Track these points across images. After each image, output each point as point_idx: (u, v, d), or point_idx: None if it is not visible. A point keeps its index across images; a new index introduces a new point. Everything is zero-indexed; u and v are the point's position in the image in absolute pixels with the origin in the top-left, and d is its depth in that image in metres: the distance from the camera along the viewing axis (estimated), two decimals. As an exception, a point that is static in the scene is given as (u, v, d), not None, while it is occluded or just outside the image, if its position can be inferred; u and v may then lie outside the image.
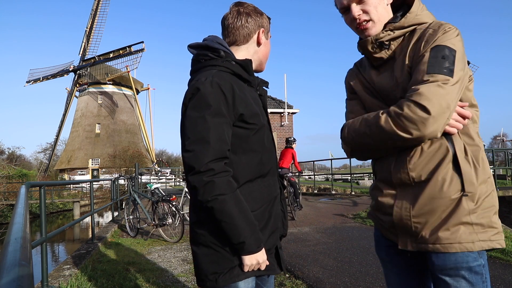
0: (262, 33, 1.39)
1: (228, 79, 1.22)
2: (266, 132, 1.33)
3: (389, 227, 1.24)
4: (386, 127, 1.09)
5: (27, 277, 0.64)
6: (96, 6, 38.51)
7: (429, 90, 1.03)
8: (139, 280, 3.69)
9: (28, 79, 39.21)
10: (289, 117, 17.16)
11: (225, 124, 1.18)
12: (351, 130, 1.23)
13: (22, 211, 1.35)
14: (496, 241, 1.11)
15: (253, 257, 1.18)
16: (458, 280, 1.10)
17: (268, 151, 1.33)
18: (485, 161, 1.15)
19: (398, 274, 1.31)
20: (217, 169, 1.13)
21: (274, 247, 1.32)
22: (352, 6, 1.22)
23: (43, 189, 3.29)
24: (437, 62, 1.06)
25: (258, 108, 1.30)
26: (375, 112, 1.16)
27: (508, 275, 3.45)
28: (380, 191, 1.26)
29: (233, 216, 1.14)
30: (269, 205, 1.30)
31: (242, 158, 1.24)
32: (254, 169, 1.27)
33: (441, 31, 1.11)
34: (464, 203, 1.09)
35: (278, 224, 1.34)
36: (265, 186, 1.30)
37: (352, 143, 1.24)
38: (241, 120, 1.22)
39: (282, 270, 1.33)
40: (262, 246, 1.20)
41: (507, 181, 16.64)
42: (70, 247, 13.23)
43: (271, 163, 1.34)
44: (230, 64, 1.27)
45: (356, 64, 1.44)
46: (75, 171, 38.22)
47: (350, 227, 6.42)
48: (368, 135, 1.16)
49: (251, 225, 1.17)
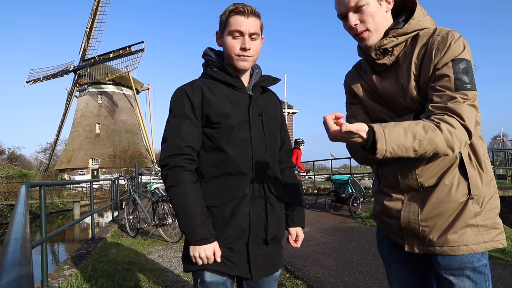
0: (216, 35, 1.41)
1: (201, 85, 1.35)
2: (241, 131, 1.33)
3: (396, 231, 1.25)
4: (440, 144, 1.03)
5: (27, 277, 0.64)
6: (96, 6, 38.48)
7: (468, 111, 1.06)
8: (139, 280, 3.69)
9: (28, 79, 39.20)
10: (289, 117, 17.17)
11: (185, 124, 1.30)
12: (394, 143, 1.02)
13: (22, 211, 1.35)
14: (499, 241, 1.14)
15: (195, 248, 1.25)
16: (462, 280, 1.13)
17: (242, 150, 1.32)
18: (487, 163, 1.16)
19: (401, 273, 1.32)
20: (171, 164, 1.28)
21: (241, 249, 1.32)
22: (349, 15, 1.20)
23: (43, 189, 3.29)
24: (463, 78, 1.07)
25: (234, 108, 1.33)
26: (420, 124, 1.04)
27: (508, 275, 3.45)
28: (387, 195, 1.26)
29: (177, 207, 1.27)
30: (232, 203, 1.30)
31: (208, 155, 1.34)
32: (219, 166, 1.32)
33: (451, 38, 1.10)
34: (471, 206, 1.12)
35: (244, 225, 1.31)
36: (231, 184, 1.31)
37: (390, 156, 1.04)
38: (207, 120, 1.32)
39: (251, 276, 1.32)
40: (203, 241, 1.24)
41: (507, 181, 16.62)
42: (70, 247, 13.22)
43: (245, 163, 1.32)
44: (211, 71, 1.37)
45: (355, 67, 1.41)
46: (75, 171, 38.19)
47: (350, 227, 6.42)
48: (415, 150, 1.04)
49: (190, 218, 1.24)
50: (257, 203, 1.35)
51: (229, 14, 1.32)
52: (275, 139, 1.45)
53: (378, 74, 1.29)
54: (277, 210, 1.41)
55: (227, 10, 1.33)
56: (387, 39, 1.19)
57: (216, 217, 1.30)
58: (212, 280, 1.30)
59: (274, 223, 1.38)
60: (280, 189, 1.46)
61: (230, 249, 1.31)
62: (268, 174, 1.39)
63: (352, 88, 1.37)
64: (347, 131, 0.98)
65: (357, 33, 1.21)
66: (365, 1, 1.17)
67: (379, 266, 3.88)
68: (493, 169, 10.05)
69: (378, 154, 1.02)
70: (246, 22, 1.30)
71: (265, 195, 1.37)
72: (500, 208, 1.18)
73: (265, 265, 1.37)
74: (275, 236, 1.40)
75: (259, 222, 1.34)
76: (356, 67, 1.41)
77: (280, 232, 1.43)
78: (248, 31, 1.31)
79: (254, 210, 1.33)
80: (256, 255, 1.34)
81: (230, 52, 1.34)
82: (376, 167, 1.32)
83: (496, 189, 1.18)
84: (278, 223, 1.41)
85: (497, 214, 1.17)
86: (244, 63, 1.34)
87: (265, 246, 1.38)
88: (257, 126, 1.37)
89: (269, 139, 1.41)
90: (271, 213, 1.38)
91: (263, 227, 1.35)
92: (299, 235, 1.51)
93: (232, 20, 1.31)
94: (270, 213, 1.37)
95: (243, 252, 1.32)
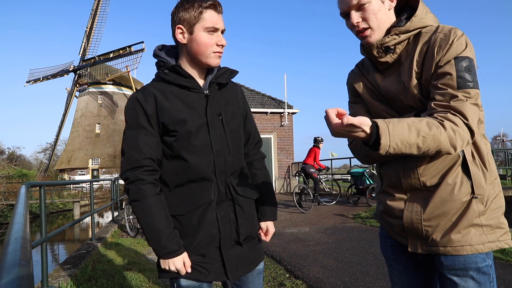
0: (178, 30, 1.27)
1: (154, 90, 1.28)
2: (200, 136, 1.27)
3: (399, 231, 1.24)
4: (443, 141, 1.02)
5: (27, 277, 0.64)
6: (96, 6, 38.50)
7: (471, 110, 1.05)
8: (139, 280, 3.69)
9: (28, 79, 39.18)
10: (289, 117, 17.15)
11: (141, 134, 1.25)
12: (398, 139, 1.00)
13: (22, 211, 1.36)
14: (504, 241, 1.12)
15: (165, 262, 1.24)
16: (466, 280, 1.11)
17: (203, 156, 1.27)
18: (491, 162, 1.15)
19: (403, 273, 1.31)
20: (131, 177, 1.24)
21: (213, 254, 1.30)
22: (352, 13, 1.20)
23: (43, 189, 3.29)
24: (465, 76, 1.06)
25: (190, 112, 1.27)
26: (423, 121, 1.03)
27: (508, 275, 3.45)
28: (389, 195, 1.26)
29: (142, 222, 1.23)
30: (198, 210, 1.27)
31: (170, 164, 1.30)
32: (181, 174, 1.28)
33: (453, 36, 1.09)
34: (474, 205, 1.11)
35: (213, 231, 1.28)
36: (196, 192, 1.28)
37: (393, 152, 1.01)
38: (164, 128, 1.27)
39: (228, 278, 1.30)
40: (171, 254, 1.22)
41: (507, 181, 16.63)
42: (70, 247, 13.23)
43: (207, 169, 1.28)
44: (162, 74, 1.30)
45: (358, 65, 1.41)
46: (75, 171, 38.20)
47: (350, 227, 6.42)
48: (419, 147, 1.02)
49: (156, 232, 1.21)
50: (225, 207, 1.32)
51: (203, 9, 1.24)
52: (238, 137, 1.39)
53: (380, 72, 1.28)
54: (246, 210, 1.37)
55: (198, 4, 1.24)
56: (389, 37, 1.19)
57: (184, 226, 1.28)
58: (188, 284, 1.28)
59: (244, 223, 1.35)
60: (248, 187, 1.41)
61: (202, 255, 1.29)
62: (233, 176, 1.35)
63: (355, 87, 1.36)
64: (349, 124, 0.96)
65: (359, 31, 1.21)
66: None
67: (379, 266, 3.88)
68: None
69: (381, 150, 1.00)
70: (220, 18, 1.27)
71: (232, 198, 1.33)
72: (504, 208, 1.17)
73: (243, 263, 1.35)
74: (248, 235, 1.37)
75: (229, 225, 1.32)
76: (359, 65, 1.40)
77: (253, 231, 1.41)
78: (222, 27, 1.27)
79: (222, 214, 1.30)
80: (231, 256, 1.32)
81: (205, 49, 1.26)
82: (379, 167, 1.31)
83: (500, 188, 1.17)
84: (249, 223, 1.38)
85: (502, 213, 1.15)
86: (218, 60, 1.30)
87: (239, 247, 1.35)
88: (217, 127, 1.31)
89: (231, 138, 1.35)
90: (240, 214, 1.34)
91: (234, 229, 1.33)
92: (269, 229, 1.49)
93: (207, 16, 1.24)
94: (239, 214, 1.34)
95: (217, 256, 1.30)
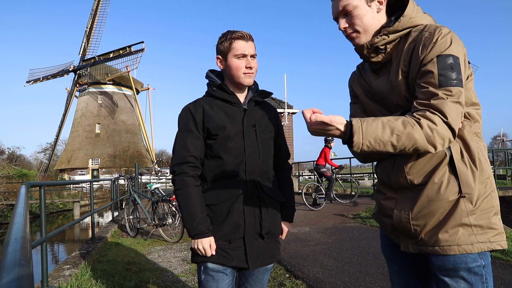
0: (217, 60, 1.61)
1: (203, 102, 1.58)
2: (235, 140, 1.53)
3: (391, 230, 1.25)
4: (419, 139, 1.04)
5: (27, 277, 0.64)
6: (96, 6, 38.48)
7: (451, 108, 1.05)
8: (139, 280, 3.69)
9: (28, 79, 39.18)
10: (289, 117, 17.16)
11: (189, 137, 1.53)
12: (371, 137, 1.05)
13: (22, 211, 1.35)
14: (496, 242, 1.10)
15: (194, 242, 1.48)
16: (457, 281, 1.10)
17: (236, 157, 1.53)
18: (483, 161, 1.13)
19: (401, 273, 1.32)
20: (177, 171, 1.52)
21: (237, 241, 1.50)
22: (339, 19, 1.25)
23: (43, 189, 3.29)
24: (447, 74, 1.06)
25: (230, 121, 1.54)
26: (399, 120, 1.06)
27: (508, 275, 3.45)
28: (382, 194, 1.27)
29: (182, 206, 1.50)
30: (228, 201, 1.51)
31: (209, 163, 1.56)
32: (217, 170, 1.54)
33: (438, 34, 1.09)
34: (462, 204, 1.09)
35: (239, 220, 1.49)
36: (228, 186, 1.53)
37: (367, 150, 1.07)
38: (208, 133, 1.54)
39: (248, 267, 1.50)
40: (200, 235, 1.45)
41: (507, 181, 16.64)
42: (70, 247, 13.22)
43: (239, 167, 1.52)
44: (211, 90, 1.60)
45: (358, 67, 1.44)
46: (75, 171, 38.20)
47: (350, 227, 6.42)
48: (393, 145, 1.05)
49: (191, 215, 1.46)
50: (251, 201, 1.54)
51: (232, 40, 1.52)
52: (268, 146, 1.62)
53: (375, 72, 1.30)
54: (270, 208, 1.58)
55: (229, 37, 1.53)
56: (378, 37, 1.21)
57: (215, 213, 1.51)
58: (213, 267, 1.49)
59: (268, 219, 1.55)
60: (274, 189, 1.62)
61: (228, 241, 1.50)
62: (261, 177, 1.57)
63: (353, 88, 1.40)
64: (321, 122, 1.04)
65: (347, 35, 1.27)
66: (352, 5, 1.20)
67: (379, 266, 3.88)
68: (493, 169, 10.04)
69: (355, 147, 1.06)
70: (247, 46, 1.53)
71: (258, 195, 1.55)
72: (499, 208, 1.14)
73: (262, 256, 1.55)
74: (270, 230, 1.56)
75: (253, 218, 1.52)
76: (359, 67, 1.43)
77: (275, 228, 1.60)
78: (250, 53, 1.54)
79: (249, 207, 1.52)
80: (253, 247, 1.52)
81: (238, 72, 1.54)
82: (376, 164, 1.33)
83: (493, 188, 1.15)
84: (272, 219, 1.58)
85: (494, 214, 1.12)
86: (249, 79, 1.56)
87: (261, 240, 1.55)
88: (250, 135, 1.56)
89: (262, 146, 1.59)
90: (265, 210, 1.55)
91: (258, 222, 1.53)
92: (285, 228, 1.69)
93: (236, 45, 1.52)
94: (263, 210, 1.55)
95: (241, 245, 1.51)
